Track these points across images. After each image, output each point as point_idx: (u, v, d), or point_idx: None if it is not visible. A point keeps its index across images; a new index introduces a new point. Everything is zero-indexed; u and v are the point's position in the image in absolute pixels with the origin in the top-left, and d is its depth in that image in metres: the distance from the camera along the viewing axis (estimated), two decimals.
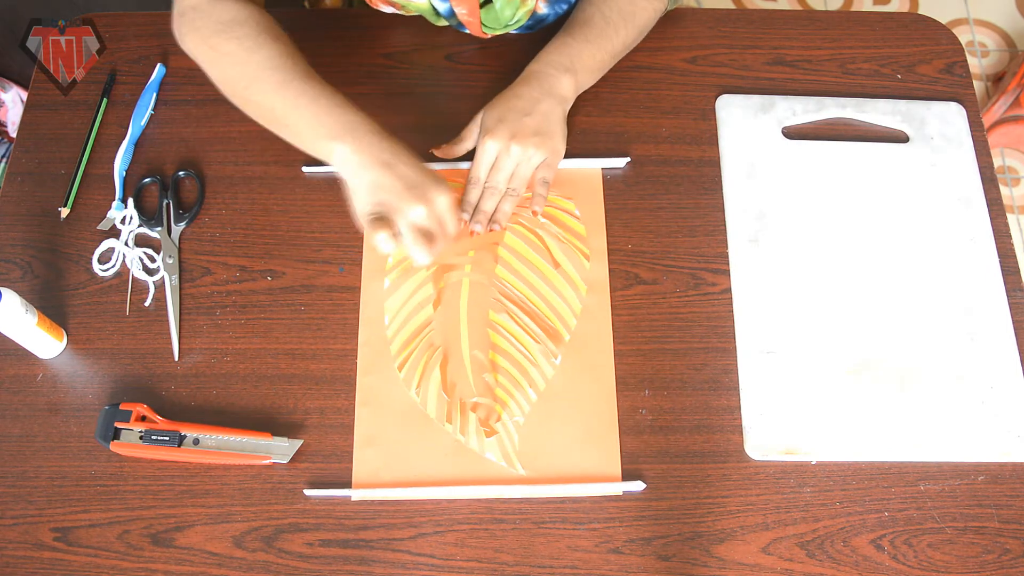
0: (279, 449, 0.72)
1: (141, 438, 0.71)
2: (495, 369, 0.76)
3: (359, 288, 0.79)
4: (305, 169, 0.84)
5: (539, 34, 0.89)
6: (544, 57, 0.81)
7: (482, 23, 0.85)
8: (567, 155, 0.84)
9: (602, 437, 0.73)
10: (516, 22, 0.86)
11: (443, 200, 0.71)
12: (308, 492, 0.71)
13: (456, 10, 0.84)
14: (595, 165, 0.84)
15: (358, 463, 0.72)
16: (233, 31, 0.74)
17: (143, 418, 0.72)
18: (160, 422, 0.72)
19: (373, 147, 0.71)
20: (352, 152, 0.71)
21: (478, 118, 0.81)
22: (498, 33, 0.88)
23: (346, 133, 0.71)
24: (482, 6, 0.83)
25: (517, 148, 0.77)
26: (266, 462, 0.71)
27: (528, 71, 0.81)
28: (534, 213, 0.80)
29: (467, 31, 0.88)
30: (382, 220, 0.69)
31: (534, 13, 0.87)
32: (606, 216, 0.82)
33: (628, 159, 0.84)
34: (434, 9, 0.86)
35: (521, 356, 0.76)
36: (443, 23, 0.88)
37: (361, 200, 0.71)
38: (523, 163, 0.78)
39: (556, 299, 0.78)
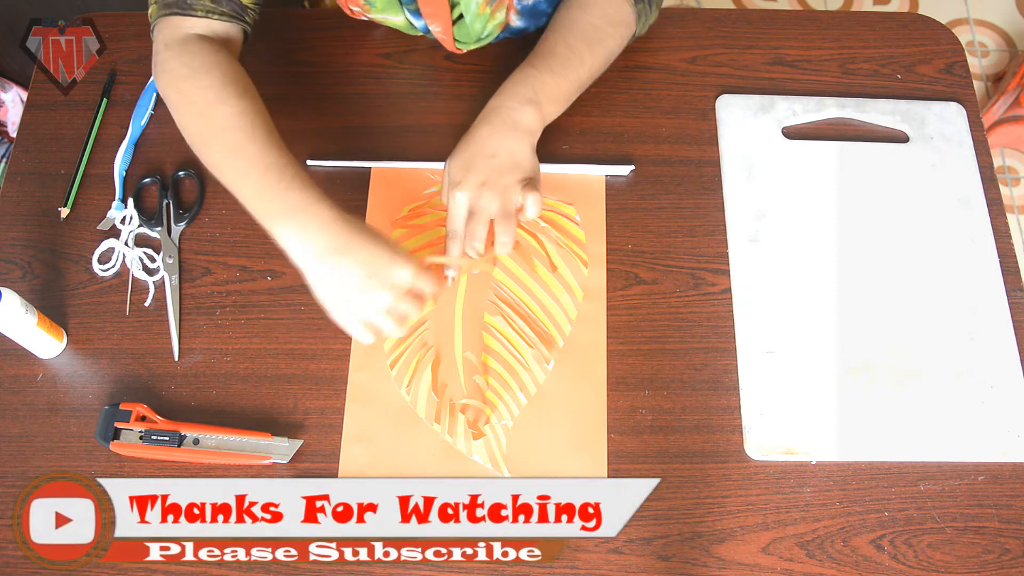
0: (279, 449, 0.72)
1: (141, 438, 0.71)
2: (486, 371, 0.76)
3: None
4: (310, 162, 0.84)
5: (535, 35, 0.89)
6: (506, 90, 0.78)
7: (455, 38, 0.85)
8: (570, 159, 0.84)
9: (590, 445, 0.73)
10: (488, 36, 0.86)
11: (405, 275, 0.68)
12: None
13: (430, 27, 0.84)
14: (599, 172, 0.84)
15: (345, 459, 0.72)
16: (200, 79, 0.73)
17: (143, 418, 0.72)
18: (160, 422, 0.72)
19: (323, 232, 0.67)
20: (299, 238, 0.68)
21: (445, 170, 0.77)
22: (472, 47, 0.87)
23: (292, 214, 0.68)
24: (454, 23, 0.83)
25: (490, 194, 0.73)
26: (266, 462, 0.71)
27: (489, 107, 0.78)
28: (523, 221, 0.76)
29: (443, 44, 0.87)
30: (366, 327, 0.69)
31: (508, 26, 0.86)
32: (606, 216, 0.82)
33: (632, 167, 0.84)
34: (410, 23, 0.86)
35: (513, 360, 0.76)
36: (419, 33, 0.88)
37: (324, 296, 0.69)
38: (502, 203, 0.74)
39: (552, 304, 0.78)
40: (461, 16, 0.83)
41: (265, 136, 0.71)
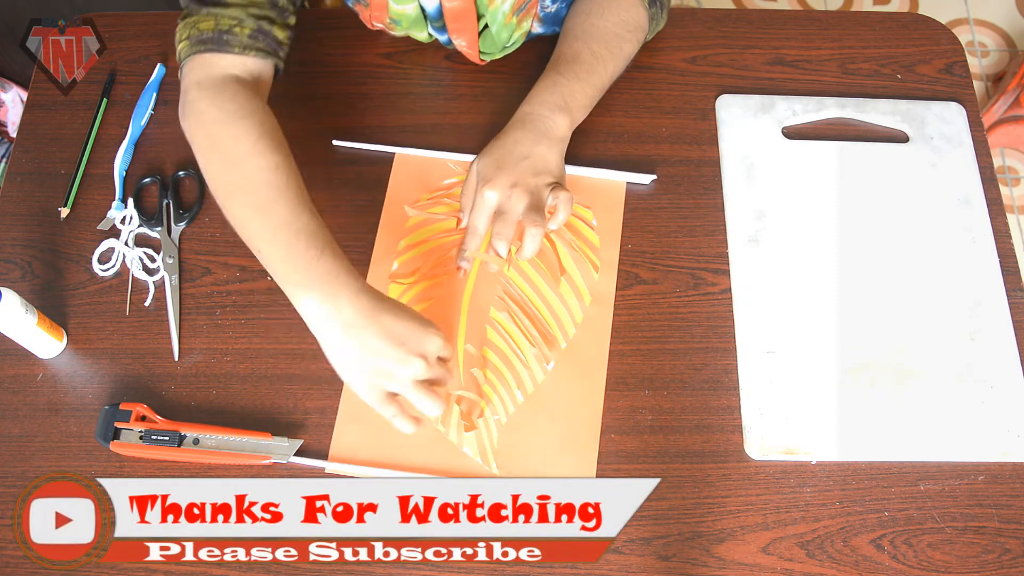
0: (279, 449, 0.72)
1: (141, 438, 0.71)
2: (485, 365, 0.76)
3: None
4: (336, 142, 0.85)
5: (547, 39, 0.89)
6: (536, 98, 0.79)
7: (479, 50, 0.85)
8: (592, 163, 0.84)
9: (580, 449, 0.72)
10: (513, 44, 0.86)
11: (436, 345, 0.66)
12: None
13: (455, 41, 0.85)
14: (621, 178, 0.84)
15: (337, 437, 0.72)
16: (234, 126, 0.69)
17: (143, 418, 0.72)
18: (160, 422, 0.72)
19: (351, 304, 0.65)
20: (325, 309, 0.65)
21: (473, 168, 0.78)
22: (496, 58, 0.88)
23: (319, 285, 0.65)
24: (479, 34, 0.83)
25: (519, 194, 0.74)
26: (266, 462, 0.71)
27: (521, 113, 0.78)
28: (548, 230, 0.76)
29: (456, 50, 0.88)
30: (389, 398, 0.67)
31: (529, 33, 0.87)
32: None
33: (655, 177, 0.84)
34: (431, 36, 0.86)
35: (514, 356, 0.76)
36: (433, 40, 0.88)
37: (349, 369, 0.66)
38: (532, 201, 0.74)
39: (559, 305, 0.78)
40: (486, 27, 0.83)
41: (297, 196, 0.68)
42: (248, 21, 0.72)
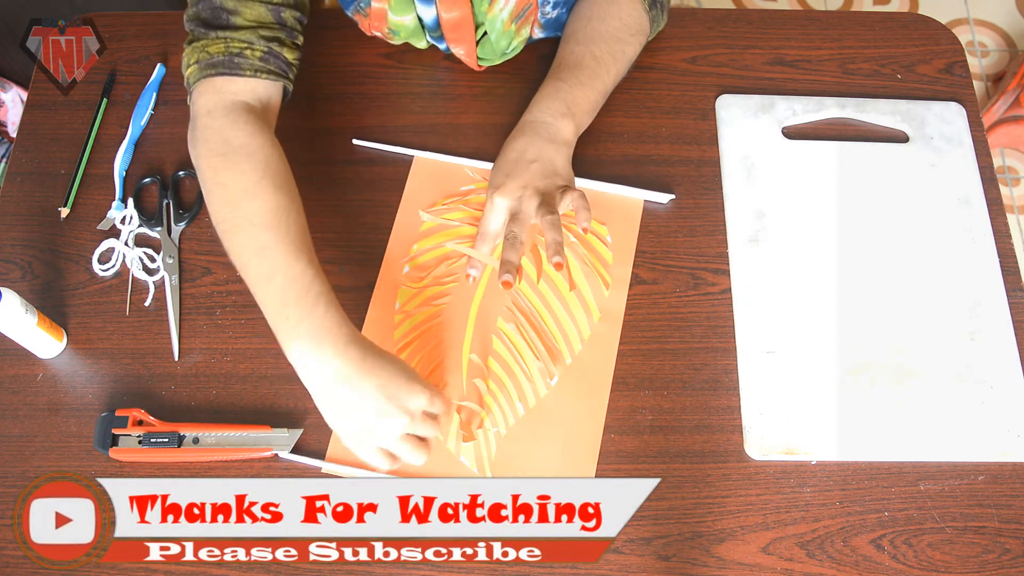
0: (280, 440, 0.72)
1: (140, 442, 0.71)
2: (488, 375, 0.75)
3: (359, 288, 0.79)
4: (356, 142, 0.85)
5: (547, 41, 0.89)
6: (539, 105, 0.79)
7: (478, 57, 0.85)
8: (611, 179, 0.83)
9: (579, 465, 0.72)
10: (513, 51, 0.86)
11: (421, 401, 0.66)
12: (281, 454, 0.72)
13: (453, 50, 0.85)
14: (638, 196, 0.83)
15: (335, 439, 0.72)
16: (238, 162, 0.68)
17: (140, 422, 0.72)
18: (157, 424, 0.72)
19: (340, 357, 0.64)
20: (316, 361, 0.65)
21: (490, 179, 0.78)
22: (495, 63, 0.88)
23: (311, 336, 0.64)
24: (477, 42, 0.83)
25: (530, 193, 0.74)
26: (267, 454, 0.71)
27: (525, 121, 0.79)
28: (584, 230, 0.73)
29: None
30: (380, 451, 0.67)
31: (529, 38, 0.87)
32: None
33: (672, 196, 0.83)
34: (430, 44, 0.86)
35: (518, 369, 0.75)
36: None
37: (338, 422, 0.67)
38: (544, 203, 0.73)
39: (567, 320, 0.77)
40: (485, 34, 0.83)
41: (296, 240, 0.67)
42: (259, 43, 0.72)
